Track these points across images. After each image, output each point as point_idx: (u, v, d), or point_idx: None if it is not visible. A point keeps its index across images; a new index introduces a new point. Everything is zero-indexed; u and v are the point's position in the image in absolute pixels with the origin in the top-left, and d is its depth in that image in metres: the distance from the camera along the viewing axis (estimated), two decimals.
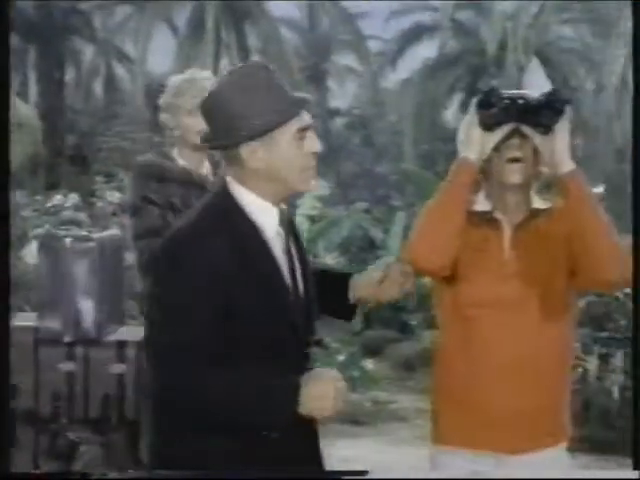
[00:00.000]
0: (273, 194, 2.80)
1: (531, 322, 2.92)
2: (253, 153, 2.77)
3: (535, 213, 2.99)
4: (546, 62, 25.19)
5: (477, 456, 2.96)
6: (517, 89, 3.07)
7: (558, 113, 2.86)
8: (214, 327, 2.65)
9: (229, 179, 2.80)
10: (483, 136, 2.88)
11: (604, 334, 8.46)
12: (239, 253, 2.70)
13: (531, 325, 2.92)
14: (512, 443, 2.94)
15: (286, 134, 2.77)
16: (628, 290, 8.96)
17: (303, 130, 2.78)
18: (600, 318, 8.64)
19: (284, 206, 2.85)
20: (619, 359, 8.10)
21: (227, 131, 2.77)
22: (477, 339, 2.93)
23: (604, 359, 8.16)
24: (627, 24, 18.27)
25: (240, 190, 2.79)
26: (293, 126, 2.77)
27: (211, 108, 2.80)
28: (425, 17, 28.39)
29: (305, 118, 2.79)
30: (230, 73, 2.82)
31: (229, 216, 2.76)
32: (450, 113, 27.01)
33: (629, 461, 7.98)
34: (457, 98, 26.51)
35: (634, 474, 3.14)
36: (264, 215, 2.78)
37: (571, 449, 3.12)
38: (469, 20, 27.32)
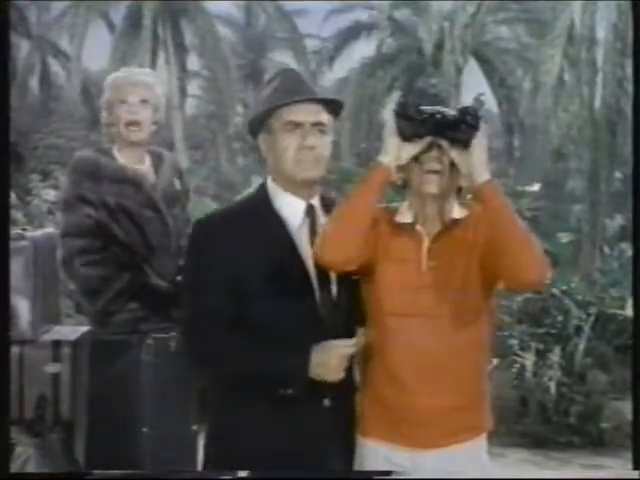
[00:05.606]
0: (286, 186, 3.02)
1: (447, 328, 3.04)
2: (262, 143, 3.04)
3: (452, 223, 3.10)
4: (483, 62, 25.41)
5: (393, 449, 3.07)
6: (455, 88, 3.15)
7: (474, 129, 2.96)
8: (226, 308, 2.92)
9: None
10: (400, 145, 3.00)
11: (541, 330, 8.54)
12: (260, 243, 2.95)
13: (447, 331, 3.04)
14: (428, 439, 3.06)
15: (278, 124, 2.99)
16: (564, 287, 9.06)
17: (296, 124, 2.98)
18: (537, 314, 8.73)
19: (315, 202, 3.06)
20: (556, 355, 8.18)
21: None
22: (395, 345, 3.04)
23: (541, 355, 8.23)
24: (562, 23, 18.44)
25: (271, 184, 3.05)
26: (284, 117, 2.98)
27: None
28: (362, 16, 28.46)
29: (299, 114, 2.98)
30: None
31: (258, 208, 3.02)
32: (388, 112, 27.06)
33: (566, 455, 8.07)
34: (395, 97, 26.59)
35: (634, 474, 3.19)
36: (288, 208, 3.02)
37: (510, 444, 3.16)
38: (406, 19, 27.42)
